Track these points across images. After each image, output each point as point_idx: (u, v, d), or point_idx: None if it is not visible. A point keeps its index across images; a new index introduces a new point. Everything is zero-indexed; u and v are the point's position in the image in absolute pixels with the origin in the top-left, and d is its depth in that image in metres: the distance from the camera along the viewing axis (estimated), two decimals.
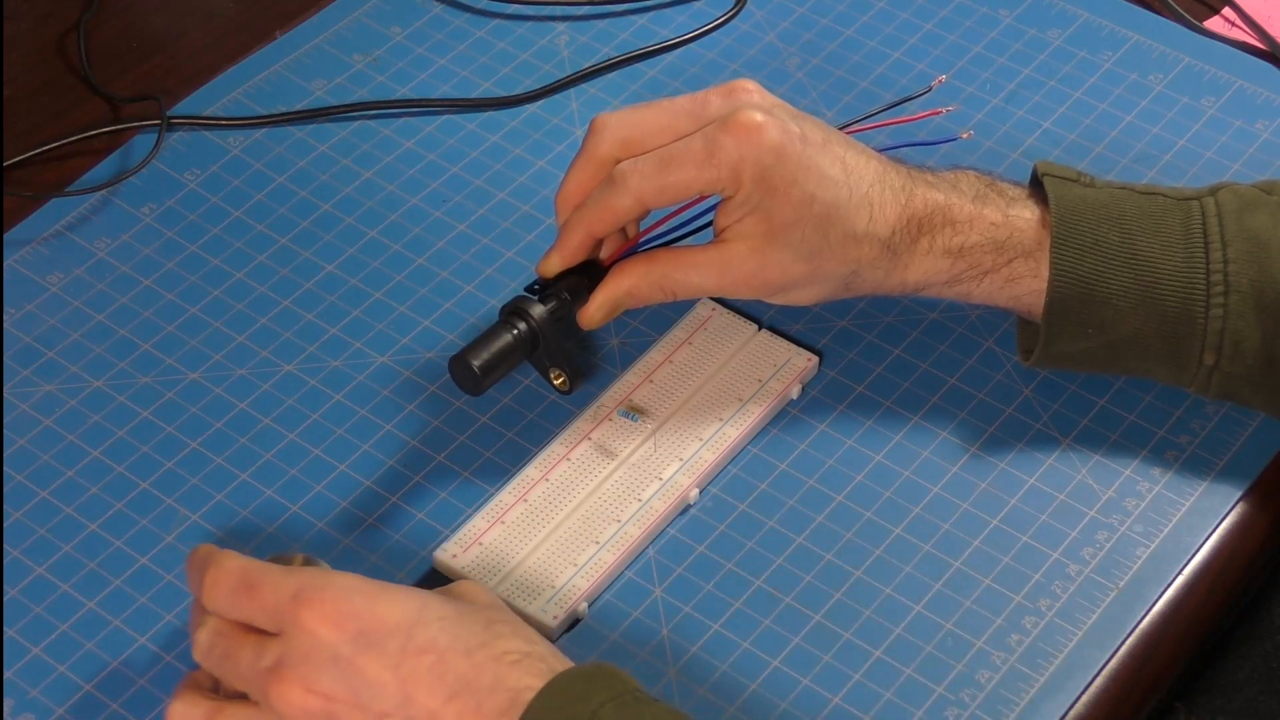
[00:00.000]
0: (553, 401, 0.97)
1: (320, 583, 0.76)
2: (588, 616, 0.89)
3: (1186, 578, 0.91)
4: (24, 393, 0.97)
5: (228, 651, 0.77)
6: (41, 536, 0.92)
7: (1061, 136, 1.09)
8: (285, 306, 1.01)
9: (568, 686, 0.74)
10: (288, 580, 0.76)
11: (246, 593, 0.77)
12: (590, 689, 0.74)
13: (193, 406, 0.97)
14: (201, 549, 0.81)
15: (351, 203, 1.06)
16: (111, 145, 1.09)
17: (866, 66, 1.13)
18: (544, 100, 1.12)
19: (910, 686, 0.86)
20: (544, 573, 0.89)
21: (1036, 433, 0.96)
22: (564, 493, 0.91)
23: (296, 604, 0.75)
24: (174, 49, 1.15)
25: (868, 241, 0.90)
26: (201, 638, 0.78)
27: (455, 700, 0.74)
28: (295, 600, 0.75)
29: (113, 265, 1.03)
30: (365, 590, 0.76)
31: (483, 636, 0.75)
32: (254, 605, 0.77)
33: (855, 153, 0.90)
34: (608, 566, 0.89)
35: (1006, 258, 0.91)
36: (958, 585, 0.90)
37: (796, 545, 0.91)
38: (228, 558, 0.78)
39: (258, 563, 0.78)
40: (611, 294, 0.91)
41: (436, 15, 1.17)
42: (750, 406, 0.95)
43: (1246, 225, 0.90)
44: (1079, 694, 0.86)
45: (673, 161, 0.88)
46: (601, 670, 0.76)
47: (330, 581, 0.76)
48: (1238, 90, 1.11)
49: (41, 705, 0.86)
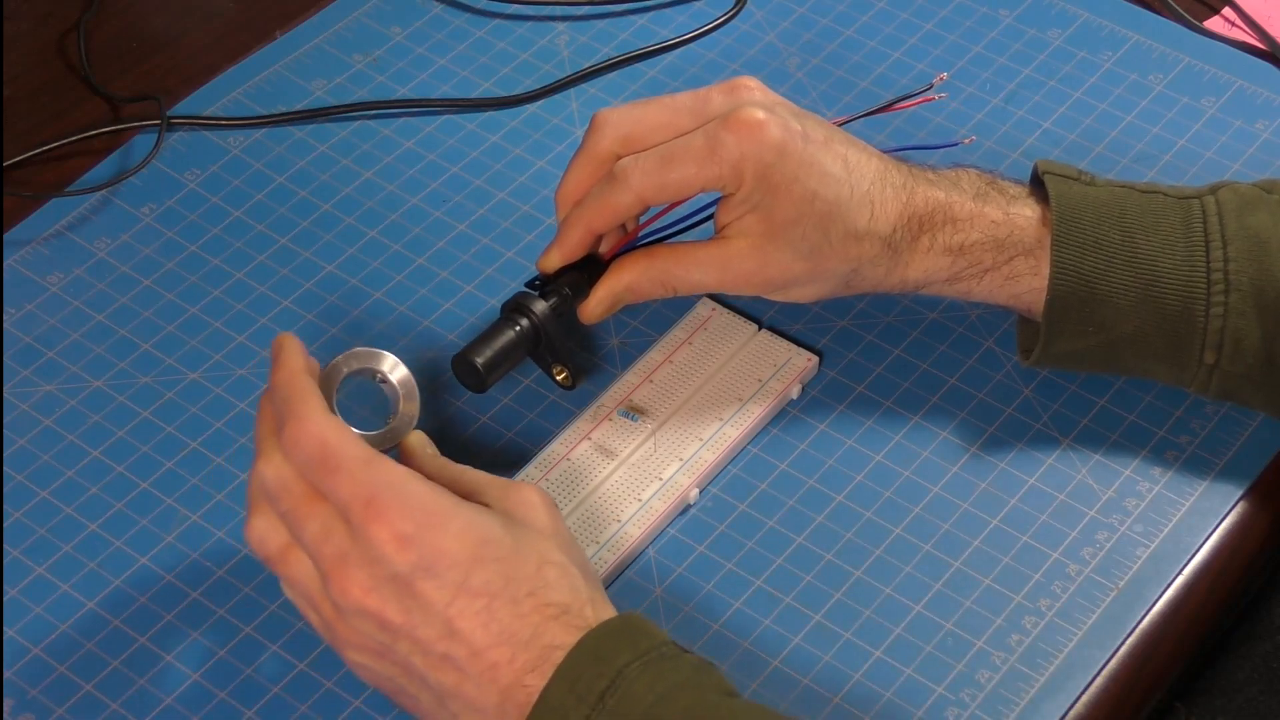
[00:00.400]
0: (553, 401, 0.97)
1: (394, 494, 0.76)
2: None
3: (1186, 578, 0.91)
4: (24, 393, 0.97)
5: (294, 510, 0.78)
6: (41, 536, 0.92)
7: (1061, 136, 1.09)
8: (285, 306, 1.01)
9: (595, 646, 0.76)
10: (366, 477, 0.77)
11: (323, 469, 0.77)
12: (618, 647, 0.76)
13: (193, 406, 0.97)
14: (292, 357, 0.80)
15: (351, 203, 1.06)
16: (111, 145, 1.09)
17: (866, 66, 1.13)
18: (544, 100, 1.12)
19: (910, 686, 0.86)
20: None
21: (1036, 433, 0.96)
22: (564, 493, 0.91)
23: (368, 512, 0.76)
24: (174, 49, 1.15)
25: (869, 239, 0.90)
26: (268, 474, 0.78)
27: (493, 649, 0.76)
28: (368, 506, 0.76)
29: (113, 265, 1.03)
30: (434, 512, 0.76)
31: (532, 583, 0.77)
32: (328, 484, 0.77)
33: (856, 150, 0.91)
34: (608, 566, 0.89)
35: (1007, 256, 0.91)
36: (958, 585, 0.90)
37: (796, 545, 0.91)
38: (313, 413, 0.78)
39: (339, 435, 0.78)
40: (612, 289, 0.91)
41: (436, 15, 1.17)
42: (750, 406, 0.95)
43: (1247, 224, 0.90)
44: (1079, 694, 0.86)
45: (674, 158, 0.88)
46: (628, 625, 0.77)
47: (404, 494, 0.77)
48: (1238, 90, 1.11)
49: (41, 705, 0.86)
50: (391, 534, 0.76)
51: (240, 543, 0.91)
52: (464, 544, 0.76)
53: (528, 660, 0.76)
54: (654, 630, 0.78)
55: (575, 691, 0.74)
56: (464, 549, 0.76)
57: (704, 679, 0.77)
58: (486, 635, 0.76)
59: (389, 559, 0.76)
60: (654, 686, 0.75)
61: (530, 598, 0.76)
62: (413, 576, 0.76)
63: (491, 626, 0.76)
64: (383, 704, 0.86)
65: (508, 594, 0.76)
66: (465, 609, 0.76)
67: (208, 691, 0.86)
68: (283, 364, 0.81)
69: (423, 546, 0.76)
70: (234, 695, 0.86)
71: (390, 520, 0.76)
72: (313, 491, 0.78)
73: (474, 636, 0.76)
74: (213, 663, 0.87)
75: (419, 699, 0.79)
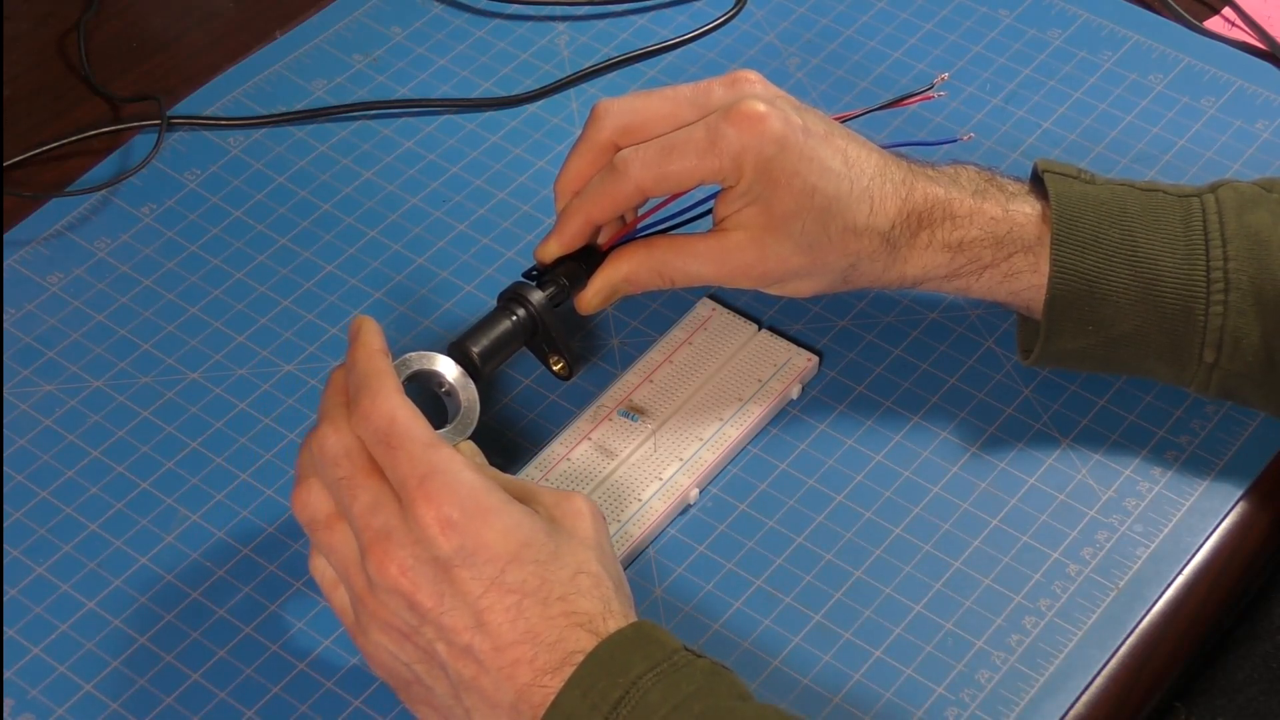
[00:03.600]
0: (553, 401, 0.97)
1: (449, 479, 0.77)
2: None
3: (1186, 578, 0.91)
4: (24, 393, 0.98)
5: (348, 480, 0.79)
6: (41, 536, 0.92)
7: (1061, 136, 1.09)
8: (285, 306, 1.01)
9: (608, 656, 0.76)
10: (425, 458, 0.78)
11: (387, 444, 0.78)
12: (631, 658, 0.76)
13: (193, 406, 0.97)
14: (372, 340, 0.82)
15: (351, 203, 1.06)
16: (111, 145, 1.09)
17: (866, 66, 1.13)
18: (544, 100, 1.12)
19: (910, 686, 0.86)
20: None
21: (1036, 433, 0.96)
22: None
23: (420, 490, 0.77)
24: (174, 49, 1.15)
25: (867, 234, 0.90)
26: (329, 443, 0.79)
27: (517, 646, 0.76)
28: (421, 485, 0.77)
29: (113, 265, 1.03)
30: (483, 504, 0.77)
31: (564, 589, 0.77)
32: (389, 459, 0.78)
33: (856, 146, 0.91)
34: None
35: (1006, 253, 0.91)
36: (958, 585, 0.90)
37: (796, 545, 0.91)
38: (388, 395, 0.79)
39: (409, 415, 0.79)
40: (609, 279, 0.91)
41: (436, 15, 1.17)
42: (750, 406, 0.95)
43: (1247, 222, 0.90)
44: (1079, 694, 0.86)
45: (674, 150, 0.88)
46: (641, 634, 0.77)
47: (458, 481, 0.78)
48: (1238, 90, 1.11)
49: (41, 705, 0.86)
50: (438, 516, 0.76)
51: (241, 543, 0.91)
52: (506, 540, 0.77)
53: (548, 662, 0.76)
54: (667, 638, 0.78)
55: (589, 700, 0.75)
56: (505, 545, 0.77)
57: (717, 684, 0.77)
58: (513, 632, 0.76)
59: (431, 541, 0.76)
60: (668, 697, 0.75)
61: (560, 602, 0.77)
62: (451, 562, 0.76)
63: (519, 624, 0.76)
64: (383, 704, 0.86)
65: (540, 595, 0.77)
66: (496, 603, 0.76)
67: (208, 691, 0.86)
68: (363, 342, 0.82)
69: (466, 535, 0.77)
70: (234, 695, 0.86)
71: (440, 503, 0.77)
72: (371, 465, 0.79)
73: (500, 631, 0.76)
74: (213, 663, 0.87)
75: (434, 690, 0.79)
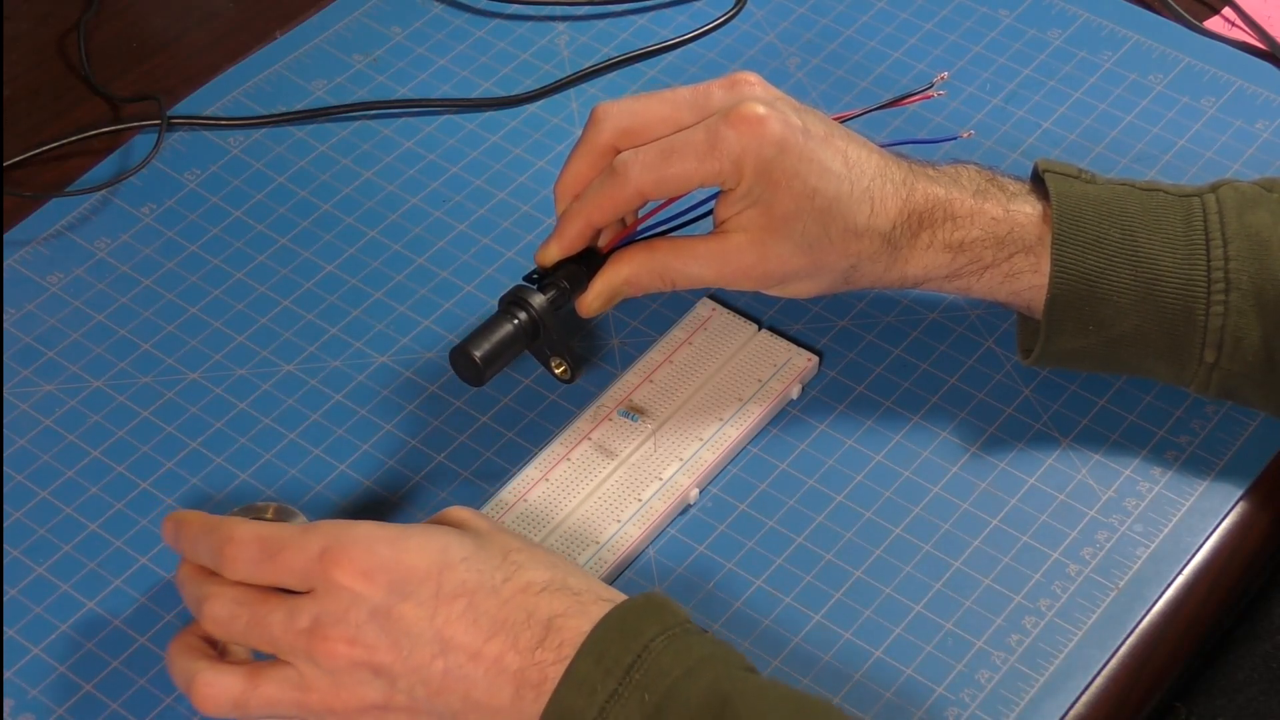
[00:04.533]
0: (553, 401, 0.97)
1: (343, 538, 0.77)
2: None
3: (1186, 578, 0.91)
4: (24, 393, 0.98)
5: (255, 619, 0.78)
6: (41, 536, 0.92)
7: (1061, 136, 1.09)
8: (285, 306, 1.01)
9: (621, 621, 0.76)
10: (310, 540, 0.78)
11: (270, 560, 0.78)
12: (643, 622, 0.76)
13: (193, 406, 0.97)
14: (190, 519, 0.81)
15: (351, 203, 1.06)
16: (111, 145, 1.09)
17: (866, 66, 1.13)
18: (544, 100, 1.12)
19: (910, 686, 0.86)
20: None
21: (1036, 433, 0.96)
22: (564, 493, 0.91)
23: (325, 562, 0.77)
24: (174, 49, 1.15)
25: (868, 235, 0.90)
26: (219, 610, 0.79)
27: (493, 640, 0.76)
28: (323, 559, 0.77)
29: (113, 265, 1.03)
30: (388, 538, 0.78)
31: (505, 570, 0.78)
32: (280, 570, 0.78)
33: (857, 146, 0.91)
34: (608, 567, 0.89)
35: (1007, 253, 0.91)
36: (958, 585, 0.90)
37: (797, 545, 0.91)
38: (238, 526, 0.79)
39: (271, 526, 0.79)
40: (610, 282, 0.91)
41: (436, 15, 1.17)
42: (750, 406, 0.95)
43: (1247, 222, 0.90)
44: (1079, 694, 0.86)
45: (674, 152, 0.88)
46: (652, 602, 0.78)
47: (352, 535, 0.78)
48: (1238, 90, 1.11)
49: (41, 705, 0.86)
50: (355, 571, 0.76)
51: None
52: (426, 554, 0.77)
53: (531, 638, 0.76)
54: (678, 608, 0.78)
55: (603, 665, 0.75)
56: (428, 559, 0.77)
57: (728, 654, 0.78)
58: (480, 631, 0.76)
59: (361, 596, 0.76)
60: (680, 660, 0.76)
61: (509, 583, 0.77)
62: (389, 604, 0.76)
63: (481, 621, 0.76)
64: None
65: (486, 586, 0.77)
66: (449, 616, 0.76)
67: None
68: (186, 521, 0.82)
69: (388, 571, 0.77)
70: None
71: (350, 560, 0.77)
72: (262, 592, 0.79)
73: (469, 639, 0.76)
74: None
75: None
